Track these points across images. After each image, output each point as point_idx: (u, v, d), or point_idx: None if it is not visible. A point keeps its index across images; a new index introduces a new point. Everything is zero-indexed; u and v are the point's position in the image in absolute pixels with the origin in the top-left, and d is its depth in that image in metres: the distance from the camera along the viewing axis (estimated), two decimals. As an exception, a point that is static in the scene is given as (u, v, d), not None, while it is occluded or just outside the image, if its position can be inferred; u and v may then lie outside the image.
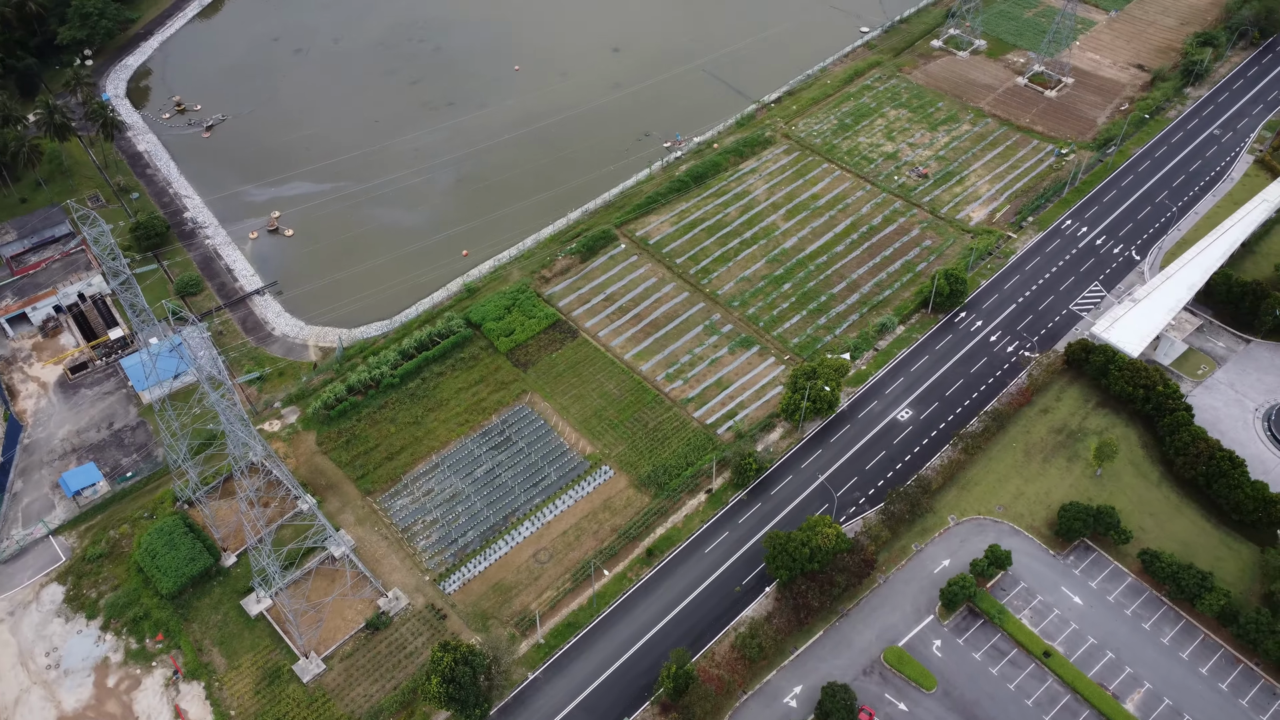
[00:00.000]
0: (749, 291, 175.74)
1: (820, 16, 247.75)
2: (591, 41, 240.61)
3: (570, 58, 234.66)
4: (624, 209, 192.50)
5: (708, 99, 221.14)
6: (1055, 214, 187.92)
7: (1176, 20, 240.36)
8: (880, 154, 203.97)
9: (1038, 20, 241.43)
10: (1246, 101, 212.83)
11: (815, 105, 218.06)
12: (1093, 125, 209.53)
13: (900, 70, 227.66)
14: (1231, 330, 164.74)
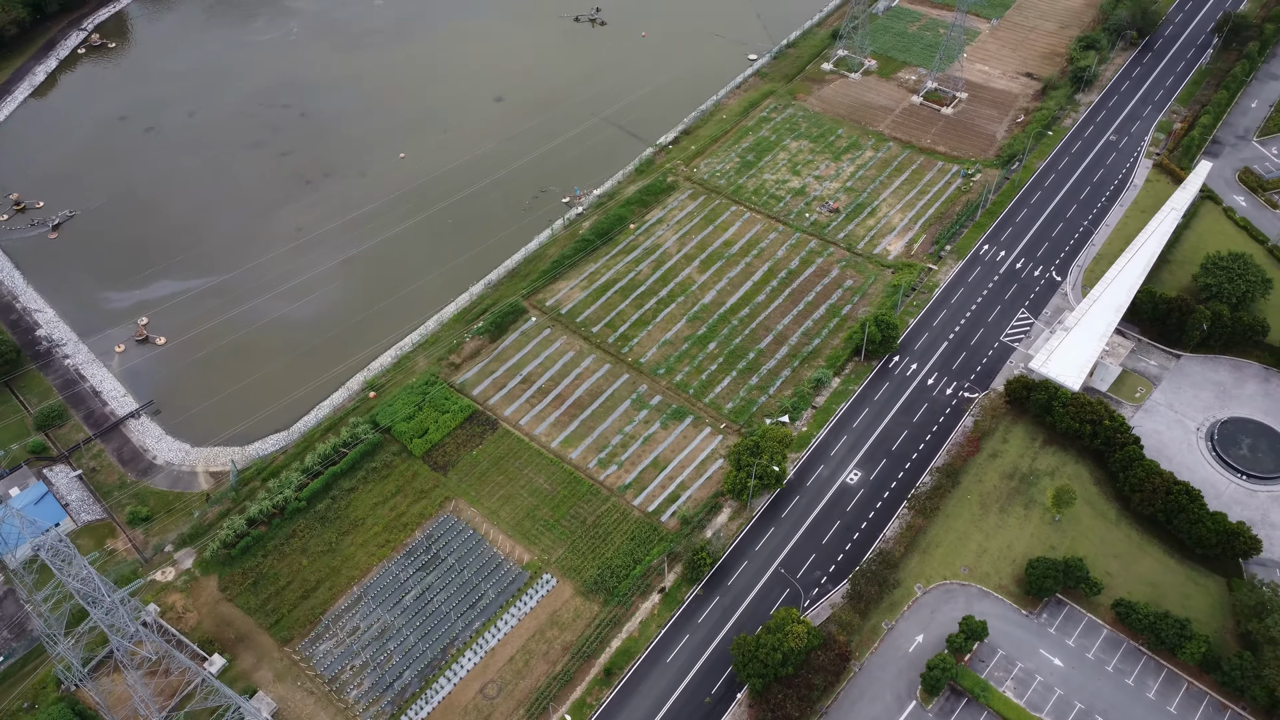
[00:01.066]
0: (673, 356, 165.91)
1: (707, 47, 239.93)
2: (471, 92, 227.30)
3: (450, 112, 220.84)
4: (529, 277, 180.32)
5: (602, 145, 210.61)
6: (972, 240, 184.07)
7: (1056, 24, 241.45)
8: (787, 190, 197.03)
9: (922, 34, 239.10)
10: (1135, 103, 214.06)
11: (714, 143, 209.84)
12: (993, 141, 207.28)
13: (795, 98, 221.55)
14: (1161, 347, 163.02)
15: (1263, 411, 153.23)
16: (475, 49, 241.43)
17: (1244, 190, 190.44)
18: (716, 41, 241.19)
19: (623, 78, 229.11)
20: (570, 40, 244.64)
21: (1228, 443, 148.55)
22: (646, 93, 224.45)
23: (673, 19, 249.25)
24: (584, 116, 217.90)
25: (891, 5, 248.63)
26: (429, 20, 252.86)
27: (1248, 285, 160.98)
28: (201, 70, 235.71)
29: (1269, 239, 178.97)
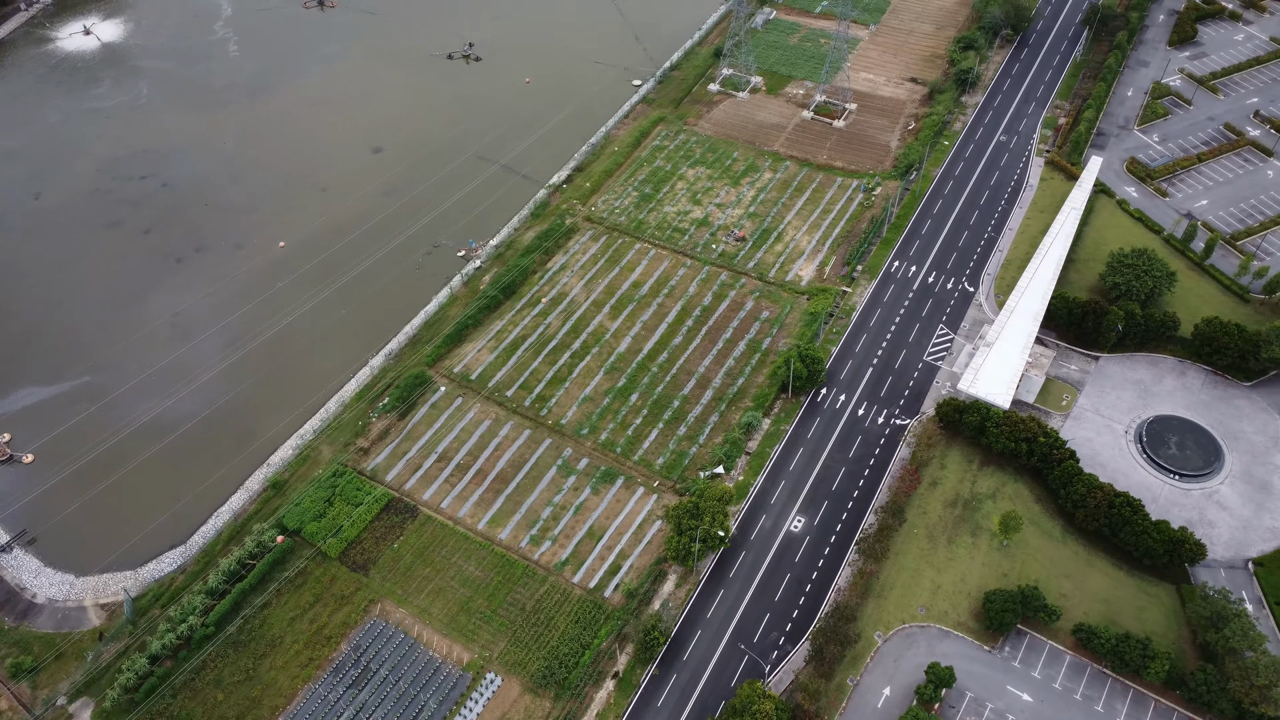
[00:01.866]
0: (595, 414, 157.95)
1: (589, 77, 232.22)
2: (346, 144, 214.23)
3: (327, 167, 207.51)
4: (432, 343, 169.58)
5: (493, 191, 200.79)
6: (881, 257, 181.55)
7: (933, 25, 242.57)
8: (690, 222, 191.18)
9: (804, 46, 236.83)
10: (1019, 101, 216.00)
11: (609, 178, 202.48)
12: (888, 151, 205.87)
13: (686, 122, 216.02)
14: (1080, 351, 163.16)
15: (1184, 407, 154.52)
16: (345, 97, 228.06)
17: (1133, 180, 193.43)
18: (598, 70, 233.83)
19: (506, 116, 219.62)
20: (446, 80, 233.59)
21: (1156, 443, 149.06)
22: (532, 130, 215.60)
23: (550, 50, 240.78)
24: (469, 160, 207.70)
25: (770, 18, 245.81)
26: (291, 69, 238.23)
27: (1154, 281, 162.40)
28: (42, 145, 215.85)
29: (1164, 229, 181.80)
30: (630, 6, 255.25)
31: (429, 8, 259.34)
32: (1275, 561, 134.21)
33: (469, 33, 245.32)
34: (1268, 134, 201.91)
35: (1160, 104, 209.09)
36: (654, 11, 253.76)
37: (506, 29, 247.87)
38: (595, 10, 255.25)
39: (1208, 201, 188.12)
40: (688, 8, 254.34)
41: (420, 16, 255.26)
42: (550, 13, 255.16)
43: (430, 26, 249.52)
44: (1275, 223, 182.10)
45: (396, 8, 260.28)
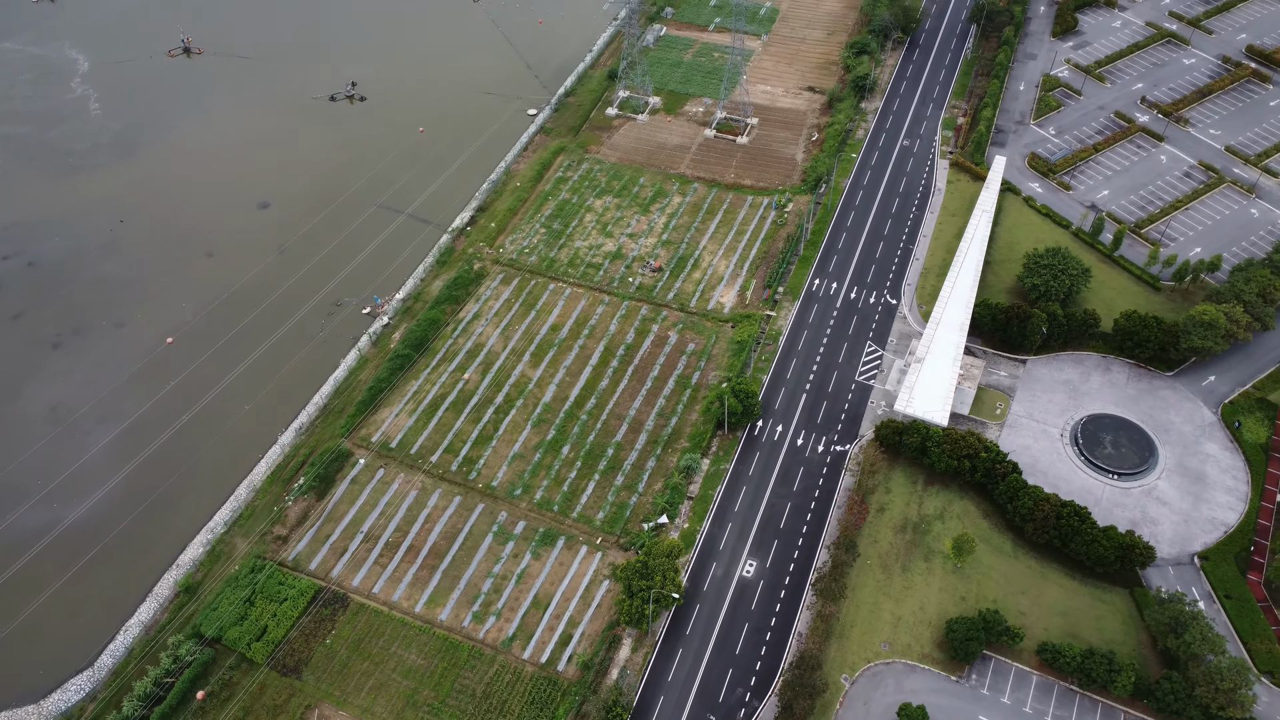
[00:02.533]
0: (527, 471, 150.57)
1: (483, 109, 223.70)
2: (230, 202, 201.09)
3: (210, 229, 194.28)
4: (346, 412, 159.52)
5: (393, 240, 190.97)
6: (801, 276, 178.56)
7: (823, 32, 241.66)
8: (604, 255, 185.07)
9: (699, 62, 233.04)
10: (917, 104, 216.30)
11: (515, 216, 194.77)
12: (795, 165, 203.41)
13: (587, 150, 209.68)
14: (1007, 356, 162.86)
15: (1113, 403, 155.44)
16: (224, 150, 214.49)
17: (1036, 175, 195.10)
18: (490, 101, 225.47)
19: (399, 157, 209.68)
20: (331, 123, 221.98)
21: (1092, 443, 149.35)
22: (428, 170, 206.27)
23: (437, 83, 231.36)
24: (364, 208, 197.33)
25: (661, 34, 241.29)
26: (161, 124, 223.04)
27: (1071, 280, 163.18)
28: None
29: (1072, 223, 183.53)
30: (516, 32, 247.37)
31: (305, 48, 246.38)
32: (1219, 554, 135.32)
33: (350, 72, 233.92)
34: (1155, 119, 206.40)
35: (1052, 96, 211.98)
36: (542, 36, 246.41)
37: (389, 65, 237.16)
38: (479, 38, 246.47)
39: (1109, 191, 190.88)
40: (577, 30, 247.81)
41: (297, 58, 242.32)
42: (433, 44, 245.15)
43: (309, 68, 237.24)
44: (1174, 208, 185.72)
45: (270, 50, 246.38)
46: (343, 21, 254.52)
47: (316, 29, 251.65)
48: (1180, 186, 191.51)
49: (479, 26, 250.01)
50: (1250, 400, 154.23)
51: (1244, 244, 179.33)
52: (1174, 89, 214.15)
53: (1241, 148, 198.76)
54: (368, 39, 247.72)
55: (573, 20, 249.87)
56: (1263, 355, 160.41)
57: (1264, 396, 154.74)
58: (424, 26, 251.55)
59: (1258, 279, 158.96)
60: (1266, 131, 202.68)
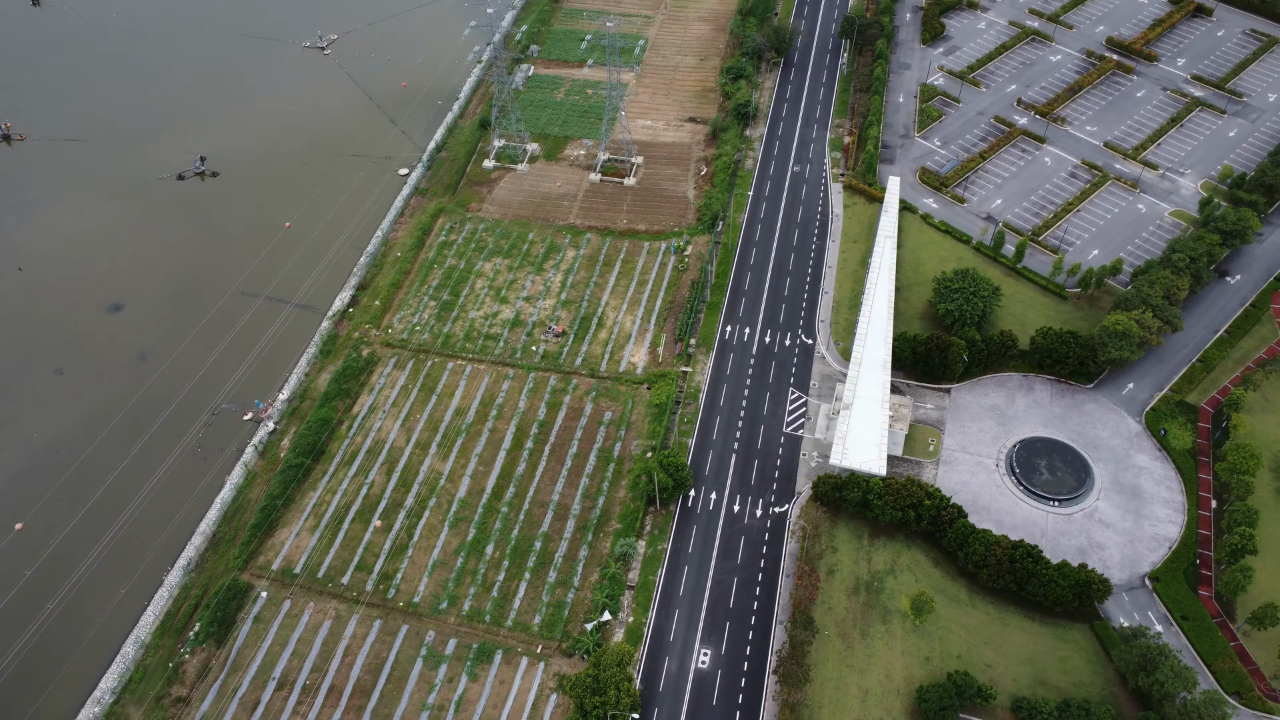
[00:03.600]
0: (451, 580, 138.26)
1: (351, 173, 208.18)
2: (77, 308, 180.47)
3: (57, 343, 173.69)
4: (238, 539, 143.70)
5: (269, 334, 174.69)
6: (712, 324, 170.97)
7: (695, 57, 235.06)
8: (501, 324, 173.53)
9: (573, 100, 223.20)
10: (802, 126, 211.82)
11: (399, 290, 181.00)
12: (687, 204, 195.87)
13: (469, 209, 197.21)
14: (931, 386, 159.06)
15: (1041, 424, 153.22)
16: (62, 248, 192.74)
17: (929, 190, 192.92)
18: (357, 164, 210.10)
19: (262, 237, 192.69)
20: (183, 206, 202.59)
21: (1028, 471, 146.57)
22: (297, 249, 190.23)
23: (295, 148, 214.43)
24: (231, 299, 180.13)
25: (529, 74, 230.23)
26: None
27: (983, 302, 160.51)
28: None
29: (972, 238, 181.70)
30: (375, 84, 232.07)
31: (142, 124, 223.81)
32: (1169, 572, 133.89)
33: (197, 146, 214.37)
34: (1034, 120, 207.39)
35: (932, 106, 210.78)
36: (401, 85, 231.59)
37: (239, 134, 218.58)
38: (336, 95, 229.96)
39: (1001, 201, 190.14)
40: (439, 77, 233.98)
41: (134, 136, 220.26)
42: (285, 107, 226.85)
43: (149, 146, 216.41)
44: (1066, 210, 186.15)
45: (102, 130, 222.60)
46: (180, 90, 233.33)
47: (152, 101, 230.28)
48: (1068, 188, 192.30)
49: (334, 82, 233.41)
50: (1170, 405, 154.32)
51: (1137, 241, 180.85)
52: (1046, 88, 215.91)
53: (1118, 142, 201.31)
54: (211, 108, 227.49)
55: (434, 66, 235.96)
56: (1174, 356, 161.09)
57: (1182, 399, 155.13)
58: (272, 87, 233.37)
59: (1160, 281, 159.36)
60: (1138, 124, 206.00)
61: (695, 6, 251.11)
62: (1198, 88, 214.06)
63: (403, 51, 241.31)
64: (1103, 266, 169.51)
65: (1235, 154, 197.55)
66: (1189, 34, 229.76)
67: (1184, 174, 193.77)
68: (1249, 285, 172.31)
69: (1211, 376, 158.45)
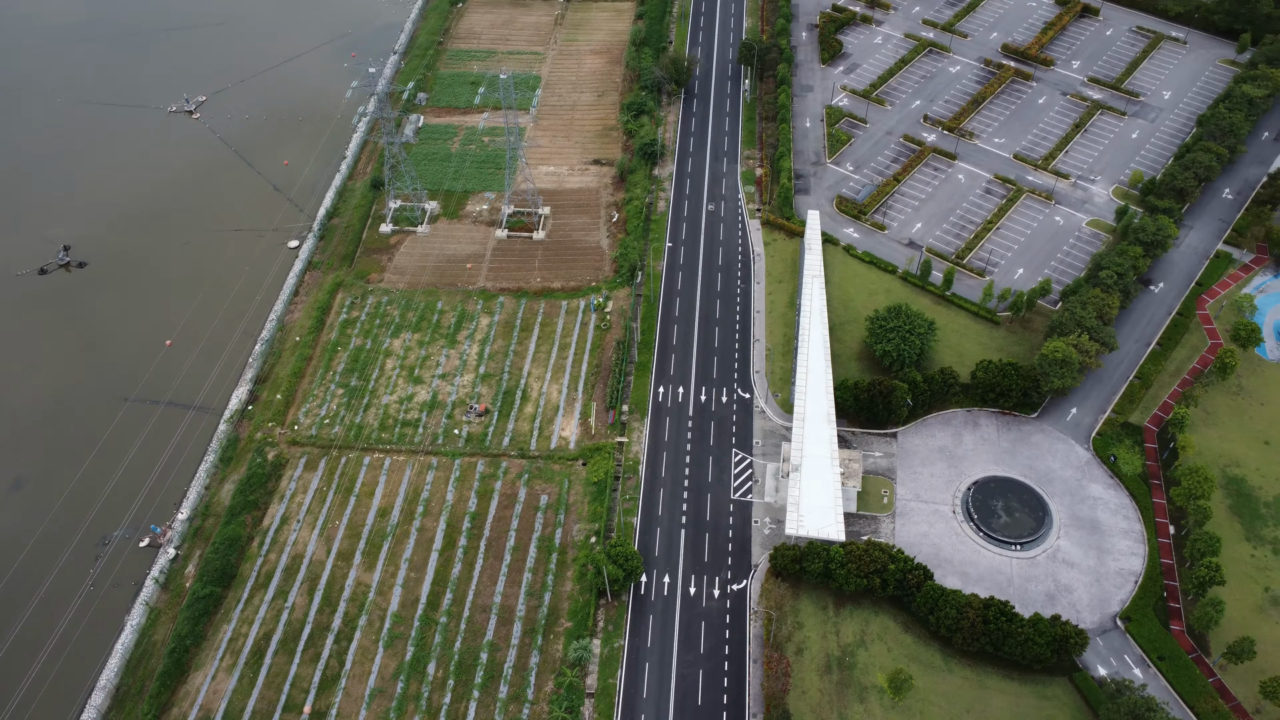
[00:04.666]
0: (392, 709, 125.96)
1: (234, 251, 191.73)
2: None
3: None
4: (146, 690, 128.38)
5: (160, 444, 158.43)
6: (643, 386, 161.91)
7: (592, 94, 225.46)
8: (418, 408, 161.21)
9: (468, 150, 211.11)
10: (711, 161, 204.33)
11: (302, 380, 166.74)
12: (602, 254, 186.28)
13: (369, 281, 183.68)
14: (877, 433, 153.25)
15: (992, 461, 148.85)
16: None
17: (848, 219, 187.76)
18: (242, 240, 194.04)
19: (143, 333, 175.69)
20: (46, 303, 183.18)
21: (985, 515, 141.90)
22: (184, 343, 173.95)
23: (168, 227, 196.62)
24: (113, 407, 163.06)
25: (419, 125, 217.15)
26: None
27: (920, 339, 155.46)
28: None
29: (897, 267, 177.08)
30: (252, 149, 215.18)
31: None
32: (1139, 610, 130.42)
33: (59, 234, 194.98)
34: (943, 136, 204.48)
35: (840, 130, 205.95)
36: (282, 149, 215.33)
37: (105, 214, 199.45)
38: (212, 163, 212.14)
39: (921, 224, 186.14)
40: (321, 133, 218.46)
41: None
42: (155, 179, 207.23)
43: (3, 237, 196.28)
44: (986, 229, 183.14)
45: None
46: (33, 170, 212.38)
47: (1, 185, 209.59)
48: (984, 205, 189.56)
49: (208, 149, 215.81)
50: (1115, 428, 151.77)
51: (1060, 255, 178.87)
52: (950, 101, 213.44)
53: (1027, 153, 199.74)
54: (71, 188, 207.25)
55: (317, 124, 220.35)
56: (1112, 375, 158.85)
57: (1126, 420, 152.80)
58: (138, 160, 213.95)
59: (1092, 301, 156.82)
60: (1044, 132, 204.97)
61: (585, 39, 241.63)
62: (1095, 90, 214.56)
63: (280, 108, 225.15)
64: (1032, 290, 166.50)
65: (1140, 156, 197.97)
66: (1080, 35, 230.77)
67: (1095, 181, 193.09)
68: (1173, 292, 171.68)
69: (1151, 393, 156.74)
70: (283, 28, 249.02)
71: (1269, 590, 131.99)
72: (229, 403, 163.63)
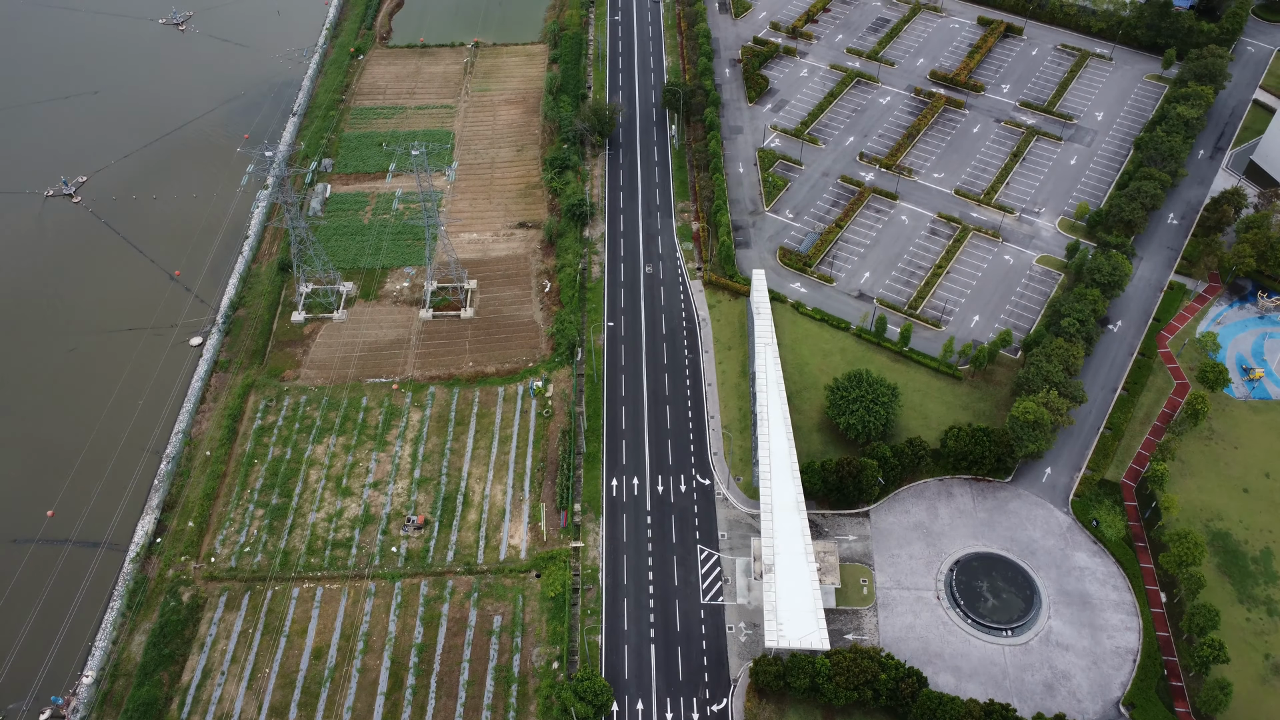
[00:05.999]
0: None
1: (126, 354, 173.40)
2: None
3: None
4: None
5: (54, 593, 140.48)
6: (594, 479, 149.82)
7: (511, 148, 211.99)
8: (350, 524, 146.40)
9: (382, 220, 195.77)
10: (644, 216, 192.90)
11: (216, 503, 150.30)
12: (537, 330, 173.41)
13: (283, 379, 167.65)
14: (848, 513, 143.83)
15: (971, 535, 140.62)
16: None
17: (793, 273, 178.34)
18: (135, 340, 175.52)
19: (27, 456, 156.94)
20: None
21: (971, 599, 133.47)
22: (76, 469, 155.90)
23: (48, 331, 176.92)
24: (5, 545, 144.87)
25: (326, 195, 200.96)
26: None
27: (884, 410, 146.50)
28: None
29: (849, 324, 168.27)
30: (141, 233, 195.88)
31: None
32: (1141, 694, 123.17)
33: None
34: (881, 175, 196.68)
35: (775, 174, 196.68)
36: (176, 230, 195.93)
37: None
38: (97, 253, 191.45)
39: (869, 274, 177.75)
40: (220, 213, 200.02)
41: None
42: (32, 275, 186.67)
43: None
44: (936, 275, 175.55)
45: None
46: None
47: None
48: (931, 247, 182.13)
49: (90, 236, 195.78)
50: (1092, 487, 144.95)
51: (1014, 298, 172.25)
52: (884, 135, 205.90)
53: (968, 187, 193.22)
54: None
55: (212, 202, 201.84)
56: (1081, 426, 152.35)
57: (1102, 477, 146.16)
58: (9, 252, 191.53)
59: (1057, 354, 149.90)
60: (982, 163, 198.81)
61: (498, 88, 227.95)
62: (1028, 114, 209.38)
63: (171, 184, 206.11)
64: (992, 342, 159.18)
65: (1081, 184, 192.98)
66: (1005, 56, 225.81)
67: (1039, 214, 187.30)
68: (1131, 330, 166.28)
69: (1124, 444, 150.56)
70: (167, 93, 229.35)
71: (1269, 657, 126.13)
72: (133, 537, 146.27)
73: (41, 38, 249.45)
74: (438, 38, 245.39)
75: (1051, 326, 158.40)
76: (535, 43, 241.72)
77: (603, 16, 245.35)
